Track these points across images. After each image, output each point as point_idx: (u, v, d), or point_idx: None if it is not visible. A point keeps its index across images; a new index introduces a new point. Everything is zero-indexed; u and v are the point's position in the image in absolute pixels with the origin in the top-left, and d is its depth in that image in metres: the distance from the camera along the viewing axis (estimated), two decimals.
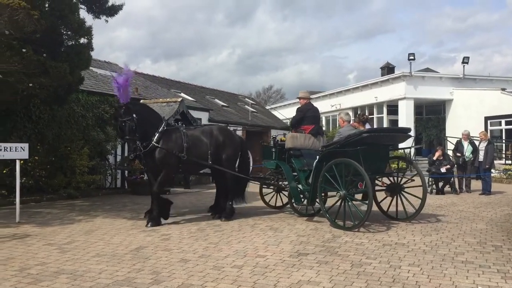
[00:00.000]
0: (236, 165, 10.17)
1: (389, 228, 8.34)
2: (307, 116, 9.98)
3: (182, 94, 24.07)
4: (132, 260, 6.16)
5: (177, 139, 9.25)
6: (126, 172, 16.53)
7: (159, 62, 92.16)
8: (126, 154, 16.62)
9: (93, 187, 14.54)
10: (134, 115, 8.77)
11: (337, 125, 27.56)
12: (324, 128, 32.47)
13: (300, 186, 9.39)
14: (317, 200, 8.90)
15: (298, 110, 10.17)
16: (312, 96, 39.62)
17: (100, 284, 5.11)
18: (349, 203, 8.34)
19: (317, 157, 9.02)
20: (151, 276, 5.44)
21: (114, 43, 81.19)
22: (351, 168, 8.18)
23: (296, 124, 10.06)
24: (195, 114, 19.28)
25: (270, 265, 5.88)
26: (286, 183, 10.04)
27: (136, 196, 14.34)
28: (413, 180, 9.29)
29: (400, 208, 9.16)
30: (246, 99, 38.64)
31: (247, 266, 5.84)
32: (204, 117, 22.20)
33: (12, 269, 5.75)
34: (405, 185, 9.21)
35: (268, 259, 6.21)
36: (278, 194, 11.11)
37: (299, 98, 10.37)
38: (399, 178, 9.35)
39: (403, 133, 9.15)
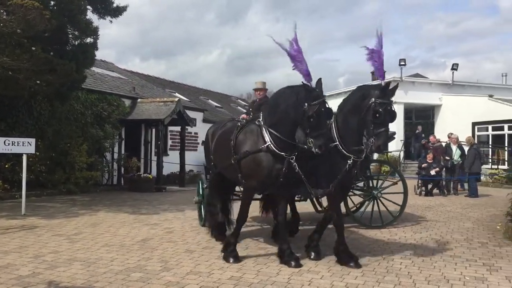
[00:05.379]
0: None
1: (381, 226, 8.73)
2: None
3: (177, 94, 24.40)
4: (140, 250, 6.52)
5: None
6: (123, 169, 16.83)
7: (148, 60, 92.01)
8: (123, 152, 16.96)
9: (91, 183, 14.81)
10: None
11: None
12: None
13: None
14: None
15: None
16: None
17: (113, 270, 5.46)
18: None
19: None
20: (160, 264, 5.80)
21: (103, 40, 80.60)
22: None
23: None
24: (190, 114, 19.64)
25: (272, 256, 6.26)
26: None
27: (133, 193, 14.69)
28: (396, 184, 9.38)
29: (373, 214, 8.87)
30: (239, 100, 39.04)
31: (250, 257, 6.21)
32: (198, 117, 22.56)
33: (27, 256, 6.08)
34: (384, 191, 9.00)
35: (269, 250, 6.58)
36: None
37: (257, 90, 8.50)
38: (380, 182, 9.29)
39: None
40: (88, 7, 11.29)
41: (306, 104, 5.49)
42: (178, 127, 18.92)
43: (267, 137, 5.89)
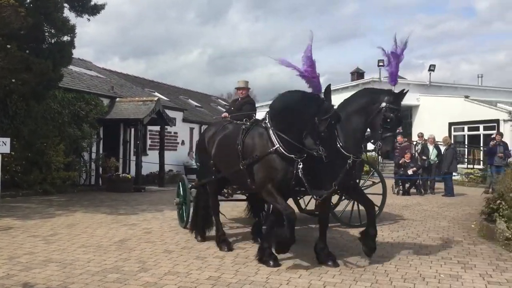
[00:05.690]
0: None
1: (359, 225, 8.81)
2: None
3: (156, 93, 24.20)
4: (118, 251, 6.45)
5: None
6: (101, 169, 16.64)
7: (128, 59, 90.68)
8: (101, 151, 16.77)
9: (68, 183, 14.60)
10: None
11: None
12: None
13: None
14: None
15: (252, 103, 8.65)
16: None
17: (90, 272, 5.39)
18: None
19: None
20: (138, 264, 5.75)
21: (81, 39, 78.48)
22: None
23: None
24: (170, 113, 19.54)
25: (250, 255, 6.27)
26: None
27: (112, 193, 14.55)
28: (375, 183, 9.58)
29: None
30: (219, 100, 38.98)
31: (229, 257, 6.22)
32: (178, 116, 22.44)
33: (1, 257, 5.97)
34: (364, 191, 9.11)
35: (248, 250, 6.59)
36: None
37: (239, 89, 8.56)
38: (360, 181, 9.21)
39: None
40: (65, 4, 11.12)
41: (316, 118, 5.34)
42: (158, 127, 18.79)
43: (275, 140, 5.73)
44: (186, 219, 8.10)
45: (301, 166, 5.60)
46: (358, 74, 35.39)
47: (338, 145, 5.85)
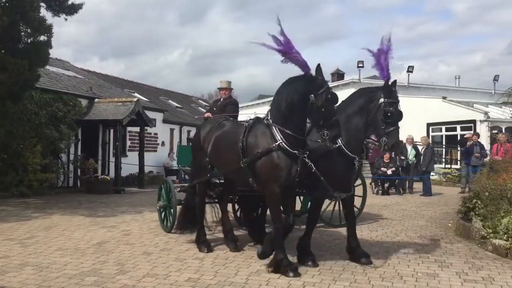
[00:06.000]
0: None
1: (339, 226, 8.87)
2: None
3: (136, 94, 23.98)
4: (96, 253, 6.38)
5: None
6: (79, 170, 16.42)
7: (107, 60, 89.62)
8: (79, 153, 16.56)
9: (46, 185, 14.36)
10: None
11: None
12: None
13: None
14: None
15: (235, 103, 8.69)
16: (263, 100, 40.16)
17: (67, 275, 5.32)
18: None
19: None
20: (116, 267, 5.69)
21: (59, 38, 76.81)
22: None
23: None
24: (149, 114, 19.39)
25: (230, 256, 6.27)
26: None
27: (90, 195, 14.38)
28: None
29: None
30: (200, 100, 38.84)
31: (208, 258, 6.20)
32: (158, 117, 22.29)
33: None
34: None
35: (227, 252, 6.58)
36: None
37: (222, 89, 8.65)
38: None
39: None
40: (42, 4, 10.94)
41: (312, 95, 5.29)
42: (137, 128, 18.62)
43: (277, 136, 5.53)
44: (172, 222, 7.83)
45: (309, 162, 5.48)
46: (338, 75, 35.68)
47: (342, 146, 5.84)
